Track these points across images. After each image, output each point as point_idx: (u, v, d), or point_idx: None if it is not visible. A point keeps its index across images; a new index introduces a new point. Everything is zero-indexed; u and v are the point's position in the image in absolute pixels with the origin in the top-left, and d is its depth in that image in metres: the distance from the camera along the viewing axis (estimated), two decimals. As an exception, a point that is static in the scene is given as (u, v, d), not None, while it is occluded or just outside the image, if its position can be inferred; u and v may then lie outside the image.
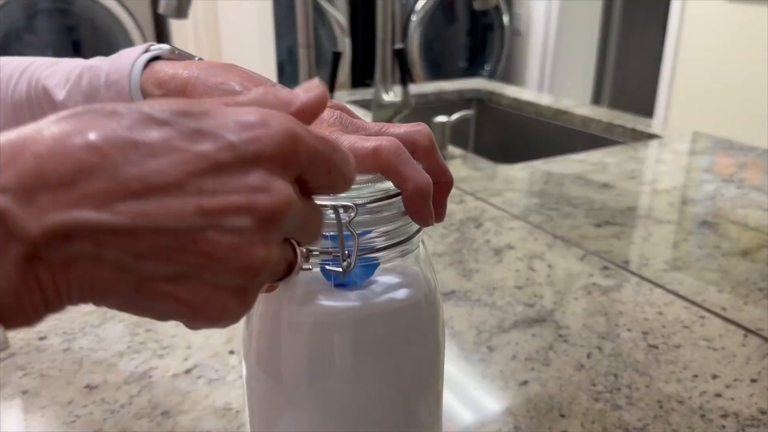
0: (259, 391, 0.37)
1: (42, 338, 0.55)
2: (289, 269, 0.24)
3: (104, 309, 0.58)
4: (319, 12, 2.63)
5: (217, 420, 0.45)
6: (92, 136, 0.19)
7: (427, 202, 0.31)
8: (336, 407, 0.35)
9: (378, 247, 0.32)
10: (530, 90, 2.38)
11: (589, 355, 0.53)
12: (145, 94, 0.35)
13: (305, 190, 0.23)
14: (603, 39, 3.60)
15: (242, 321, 0.34)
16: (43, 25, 2.38)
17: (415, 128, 0.33)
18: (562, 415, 0.46)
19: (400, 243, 0.33)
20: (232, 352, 0.53)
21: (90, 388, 0.49)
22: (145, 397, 0.48)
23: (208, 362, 0.52)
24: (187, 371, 0.51)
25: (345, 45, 2.64)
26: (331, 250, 0.31)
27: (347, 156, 0.24)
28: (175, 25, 2.32)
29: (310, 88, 0.24)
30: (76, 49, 2.45)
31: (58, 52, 2.43)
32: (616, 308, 0.60)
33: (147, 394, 0.48)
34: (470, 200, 0.86)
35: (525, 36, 3.41)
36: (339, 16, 2.75)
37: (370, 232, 0.32)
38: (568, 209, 0.83)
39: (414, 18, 3.01)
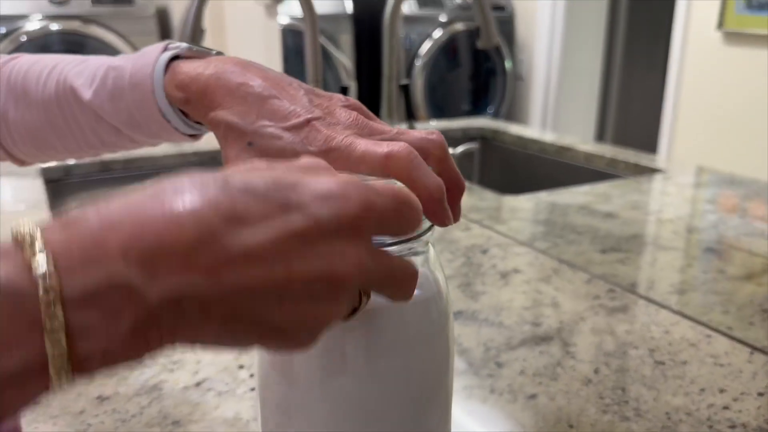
0: (272, 394, 0.38)
1: (54, 353, 0.55)
2: (351, 312, 0.27)
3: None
4: (326, 56, 2.70)
5: (227, 428, 0.46)
6: (203, 209, 0.21)
7: (441, 204, 0.33)
8: (348, 408, 0.36)
9: (388, 242, 0.33)
10: (533, 129, 2.42)
11: (596, 371, 0.53)
12: (169, 96, 0.36)
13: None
14: (604, 82, 3.67)
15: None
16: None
17: (429, 136, 0.34)
18: (571, 426, 0.46)
19: (410, 240, 0.34)
20: (241, 367, 0.53)
21: (101, 399, 0.49)
22: (156, 408, 0.48)
23: (218, 376, 0.52)
24: (197, 384, 0.51)
25: (351, 88, 2.70)
26: None
27: (413, 204, 0.28)
28: (185, 67, 2.37)
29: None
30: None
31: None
32: (623, 327, 0.61)
33: (157, 405, 0.48)
34: (476, 228, 0.87)
35: (527, 80, 3.48)
36: (345, 59, 2.82)
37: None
38: (573, 236, 0.84)
39: (418, 62, 3.08)
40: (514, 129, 1.63)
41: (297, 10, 2.59)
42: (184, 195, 0.22)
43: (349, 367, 0.35)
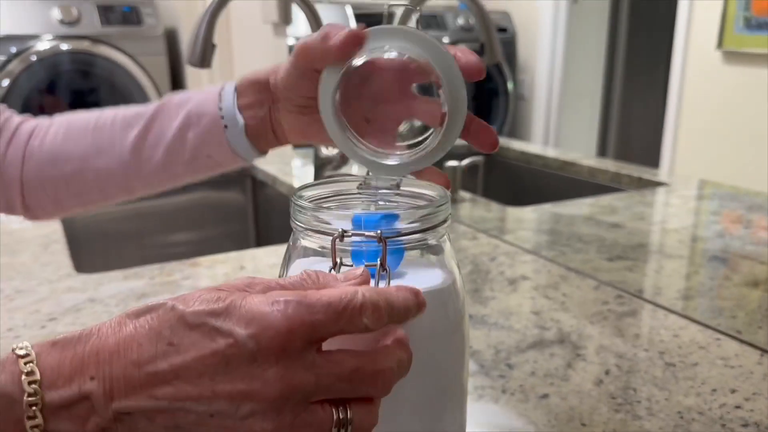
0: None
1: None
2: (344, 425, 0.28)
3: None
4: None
5: None
6: (150, 343, 0.26)
7: None
8: None
9: (404, 232, 0.34)
10: (536, 146, 2.43)
11: (607, 372, 0.54)
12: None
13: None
14: (605, 102, 3.70)
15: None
16: (64, 87, 2.47)
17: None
18: (584, 424, 0.46)
19: (426, 230, 0.35)
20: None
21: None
22: None
23: None
24: None
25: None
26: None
27: (353, 310, 0.28)
28: (190, 85, 2.40)
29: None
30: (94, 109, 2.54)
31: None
32: (632, 331, 0.61)
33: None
34: (483, 237, 0.88)
35: (529, 100, 3.50)
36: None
37: (397, 217, 0.34)
38: (579, 245, 0.85)
39: (421, 82, 3.11)
40: (518, 145, 1.64)
41: (302, 31, 2.63)
42: (141, 319, 0.27)
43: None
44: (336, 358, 0.28)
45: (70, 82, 2.46)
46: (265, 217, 1.45)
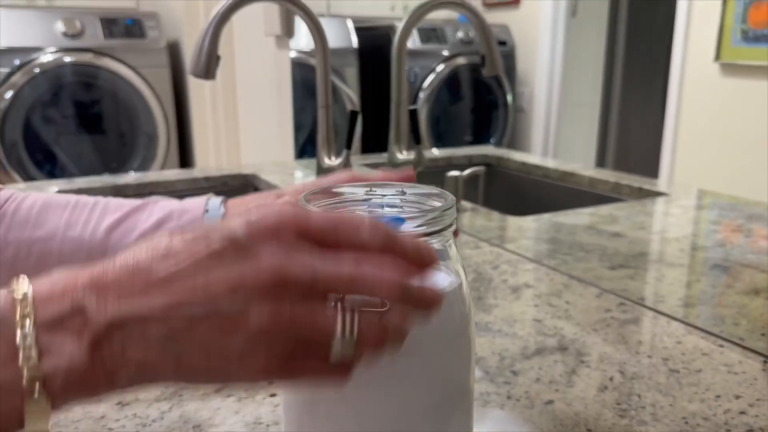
0: (295, 395, 0.38)
1: (73, 362, 0.56)
2: (321, 341, 0.27)
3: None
4: (332, 88, 2.74)
5: (248, 432, 0.46)
6: (146, 252, 0.27)
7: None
8: (372, 409, 0.36)
9: (413, 234, 0.34)
10: (536, 157, 2.44)
11: (611, 378, 0.54)
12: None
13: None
14: (604, 114, 3.72)
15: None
16: (67, 99, 2.49)
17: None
18: (589, 430, 0.47)
19: (432, 233, 0.35)
20: (259, 375, 0.54)
21: (122, 404, 0.50)
22: (177, 413, 0.49)
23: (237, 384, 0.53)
24: (217, 390, 0.52)
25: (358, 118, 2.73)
26: None
27: (363, 226, 0.28)
28: (193, 97, 2.42)
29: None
30: (97, 121, 2.55)
31: (81, 124, 2.53)
32: (635, 338, 0.61)
33: (178, 410, 0.49)
34: (485, 246, 0.88)
35: (528, 112, 3.52)
36: (350, 92, 2.86)
37: (403, 220, 0.34)
38: (581, 254, 0.85)
39: (421, 95, 3.13)
40: (518, 156, 1.65)
41: (303, 44, 2.65)
42: (141, 247, 0.27)
43: (370, 370, 0.35)
44: (335, 255, 0.27)
45: (73, 94, 2.47)
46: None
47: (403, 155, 1.22)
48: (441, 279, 0.37)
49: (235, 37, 1.96)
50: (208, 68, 1.02)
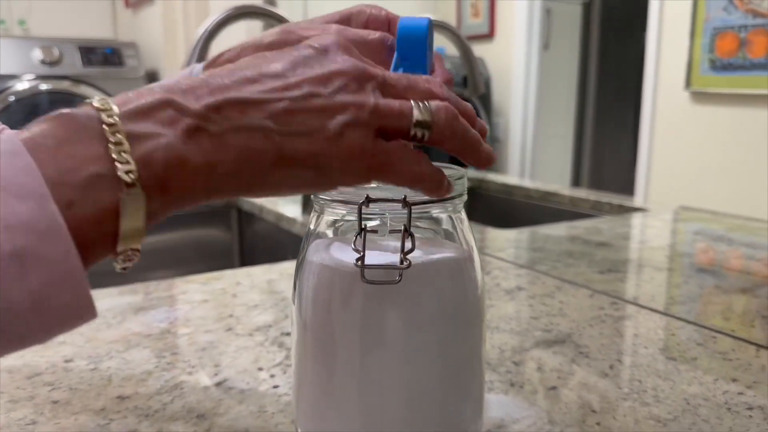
0: (308, 372, 0.38)
1: (68, 361, 0.55)
2: (403, 120, 0.29)
3: (128, 338, 0.59)
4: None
5: (253, 420, 0.46)
6: (226, 63, 0.30)
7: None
8: (387, 385, 0.36)
9: (424, 199, 0.35)
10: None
11: (611, 366, 0.54)
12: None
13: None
14: (578, 143, 3.80)
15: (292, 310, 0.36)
16: (43, 128, 2.46)
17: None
18: (594, 411, 0.47)
19: (446, 199, 0.36)
20: (260, 369, 0.53)
21: (122, 398, 0.49)
22: (179, 404, 0.48)
23: (238, 377, 0.52)
24: (218, 384, 0.51)
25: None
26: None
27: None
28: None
29: None
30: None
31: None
32: (631, 332, 0.62)
33: (180, 401, 0.48)
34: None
35: (504, 142, 3.58)
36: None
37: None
38: (570, 261, 0.87)
39: (399, 124, 3.16)
40: (500, 178, 1.68)
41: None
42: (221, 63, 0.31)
43: (387, 341, 0.35)
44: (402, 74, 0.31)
45: (49, 123, 2.45)
46: (251, 253, 1.45)
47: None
48: (451, 249, 0.37)
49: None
50: (197, 83, 1.03)
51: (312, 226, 0.38)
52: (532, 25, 3.34)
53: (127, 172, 0.23)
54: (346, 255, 0.35)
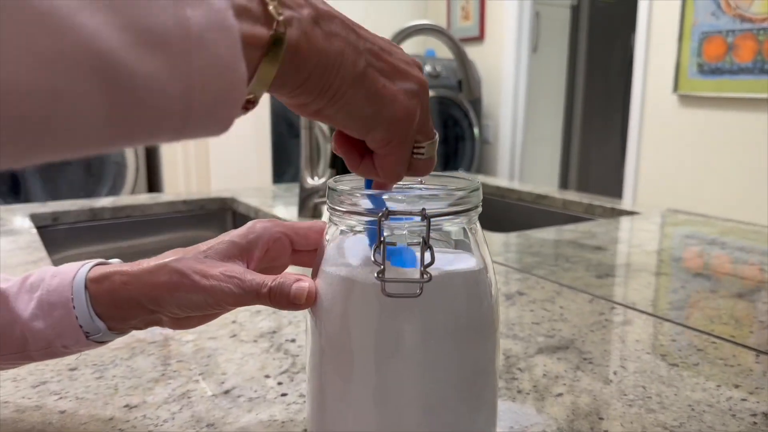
0: (322, 380, 0.38)
1: (72, 369, 0.55)
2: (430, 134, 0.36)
3: (132, 345, 0.59)
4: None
5: (263, 429, 0.46)
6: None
7: None
8: (402, 393, 0.36)
9: (445, 211, 0.35)
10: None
11: (615, 372, 0.55)
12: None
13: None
14: (566, 144, 3.82)
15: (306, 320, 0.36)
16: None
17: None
18: (601, 418, 0.47)
19: (463, 212, 0.36)
20: (267, 377, 0.53)
21: (130, 407, 0.48)
22: (188, 413, 0.48)
23: (246, 384, 0.52)
24: (226, 392, 0.51)
25: (327, 149, 2.75)
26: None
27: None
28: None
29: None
30: (65, 167, 2.50)
31: (49, 171, 2.47)
32: (632, 337, 0.63)
33: (188, 410, 0.48)
34: (474, 259, 0.89)
35: (494, 144, 3.60)
36: (322, 124, 2.88)
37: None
38: (567, 265, 0.87)
39: (389, 126, 3.17)
40: (492, 180, 1.69)
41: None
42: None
43: (403, 351, 0.36)
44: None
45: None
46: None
47: (384, 176, 1.24)
48: (468, 261, 0.37)
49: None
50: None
51: (328, 237, 0.38)
52: (521, 28, 3.36)
53: (278, 17, 0.27)
54: (364, 266, 0.35)
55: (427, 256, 0.33)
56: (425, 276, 0.32)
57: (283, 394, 0.51)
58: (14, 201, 2.41)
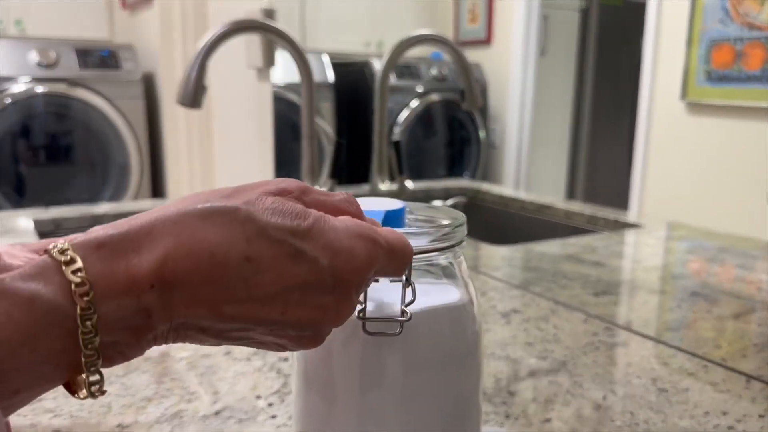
0: (308, 410, 0.39)
1: (68, 386, 0.55)
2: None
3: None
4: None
5: (252, 452, 0.46)
6: (221, 247, 0.24)
7: None
8: (386, 425, 0.36)
9: (426, 249, 0.35)
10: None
11: (604, 397, 0.55)
12: None
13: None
14: (573, 149, 3.81)
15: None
16: (39, 130, 2.46)
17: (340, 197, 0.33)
18: (588, 446, 0.48)
19: (447, 248, 0.36)
20: (258, 397, 0.54)
21: (122, 427, 0.49)
22: (178, 435, 0.48)
23: (237, 405, 0.53)
24: (217, 413, 0.51)
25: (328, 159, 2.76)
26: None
27: (407, 249, 0.31)
28: (167, 129, 2.42)
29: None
30: (68, 152, 2.52)
31: (52, 155, 2.50)
32: (624, 360, 0.63)
33: (179, 431, 0.49)
34: (472, 273, 0.90)
35: (500, 148, 3.60)
36: (326, 126, 2.89)
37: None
38: (565, 282, 0.88)
39: (396, 130, 3.18)
40: (495, 189, 1.69)
41: (277, 78, 2.67)
42: (208, 224, 0.24)
43: (385, 383, 0.36)
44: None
45: (44, 125, 2.45)
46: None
47: (385, 186, 1.24)
48: (451, 294, 0.38)
49: (210, 69, 1.97)
50: (195, 97, 1.04)
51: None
52: (529, 31, 3.35)
53: (91, 371, 0.24)
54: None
55: (408, 293, 0.34)
56: (405, 315, 0.33)
57: (273, 416, 0.51)
58: (19, 200, 2.43)
